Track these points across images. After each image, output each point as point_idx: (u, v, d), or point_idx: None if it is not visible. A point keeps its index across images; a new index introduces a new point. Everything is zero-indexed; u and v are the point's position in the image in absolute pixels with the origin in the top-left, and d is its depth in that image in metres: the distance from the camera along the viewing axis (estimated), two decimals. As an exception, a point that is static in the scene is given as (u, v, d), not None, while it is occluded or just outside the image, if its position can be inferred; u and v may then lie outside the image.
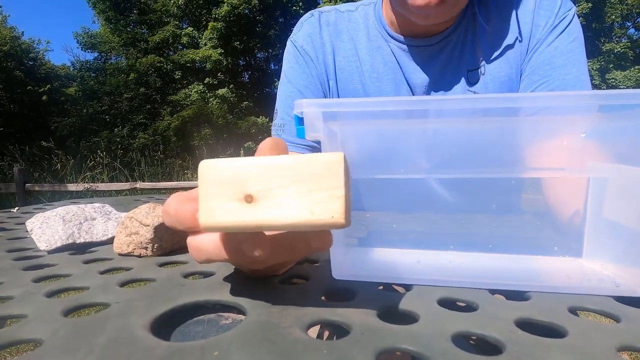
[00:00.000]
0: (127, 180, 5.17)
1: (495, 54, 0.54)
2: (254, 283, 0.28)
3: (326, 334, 0.54)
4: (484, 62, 0.55)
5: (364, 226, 0.35)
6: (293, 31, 0.65)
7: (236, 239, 0.21)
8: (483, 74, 0.55)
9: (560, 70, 0.51)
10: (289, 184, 0.19)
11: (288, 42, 0.65)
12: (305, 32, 0.63)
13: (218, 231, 0.21)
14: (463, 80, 0.56)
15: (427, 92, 0.58)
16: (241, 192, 0.20)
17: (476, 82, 0.55)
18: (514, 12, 0.54)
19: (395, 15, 0.57)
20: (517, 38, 0.54)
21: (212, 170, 0.20)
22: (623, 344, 0.20)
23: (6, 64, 8.70)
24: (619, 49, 9.71)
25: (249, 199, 0.19)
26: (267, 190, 0.20)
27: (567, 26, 0.52)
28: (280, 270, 0.30)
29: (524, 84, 0.54)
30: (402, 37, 0.57)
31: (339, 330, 0.22)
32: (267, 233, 0.22)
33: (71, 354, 0.18)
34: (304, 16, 0.65)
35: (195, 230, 0.23)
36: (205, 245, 0.23)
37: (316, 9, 0.65)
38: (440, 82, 0.57)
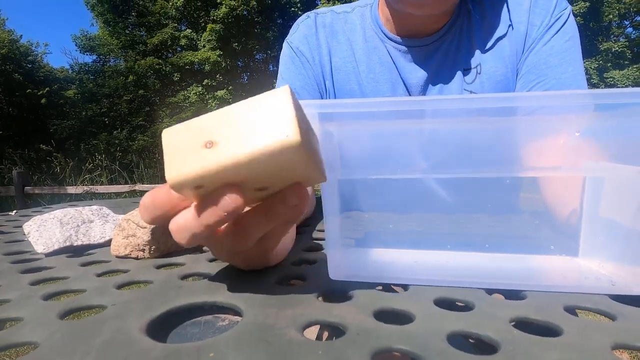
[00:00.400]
0: (126, 183, 5.17)
1: (489, 46, 0.54)
2: (251, 284, 0.29)
3: (325, 334, 0.54)
4: (480, 61, 0.55)
5: (361, 227, 0.35)
6: (289, 33, 0.66)
7: (210, 197, 0.21)
8: (479, 73, 0.55)
9: (556, 69, 0.51)
10: (242, 121, 0.21)
11: (284, 44, 0.65)
12: (301, 33, 0.63)
13: (188, 185, 0.21)
14: (459, 79, 0.56)
15: (424, 92, 0.58)
16: (201, 141, 0.21)
17: (472, 81, 0.55)
18: (505, 4, 0.54)
19: (391, 14, 0.57)
20: (509, 26, 0.54)
21: (171, 133, 0.22)
22: (619, 342, 0.20)
23: (4, 67, 8.70)
24: (617, 48, 9.74)
25: (209, 144, 0.20)
26: (224, 133, 0.21)
27: (562, 25, 0.52)
28: (269, 256, 0.30)
29: (520, 83, 0.54)
30: (398, 37, 0.57)
31: (337, 331, 0.22)
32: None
33: (67, 357, 0.18)
34: (300, 18, 0.66)
35: (174, 214, 0.23)
36: (183, 220, 0.23)
37: (312, 11, 0.66)
38: (436, 82, 0.57)
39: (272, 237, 0.26)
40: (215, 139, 0.21)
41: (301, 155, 0.21)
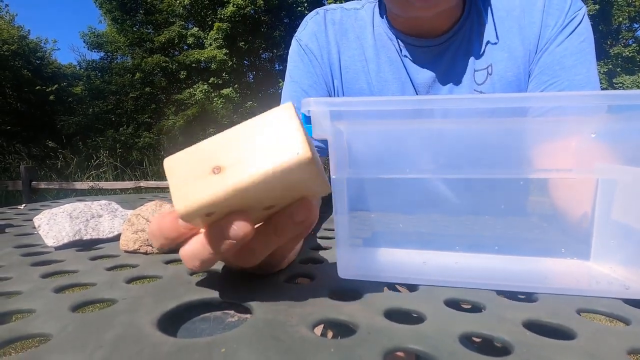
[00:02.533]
0: (131, 179, 5.20)
1: (499, 46, 0.54)
2: (260, 281, 0.29)
3: (330, 334, 0.54)
4: (491, 62, 0.54)
5: (370, 226, 0.35)
6: (298, 29, 0.65)
7: (219, 227, 0.21)
8: (490, 74, 0.54)
9: (570, 70, 0.50)
10: (247, 143, 0.20)
11: (293, 41, 0.65)
12: (310, 30, 0.62)
13: (197, 213, 0.20)
14: (469, 80, 0.55)
15: (432, 93, 0.57)
16: (207, 167, 0.20)
17: (483, 82, 0.55)
18: (516, 4, 0.54)
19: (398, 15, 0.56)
20: (520, 27, 0.53)
21: (174, 161, 0.21)
22: (634, 347, 0.19)
23: (14, 63, 8.79)
24: (627, 53, 9.62)
25: (216, 170, 0.20)
26: (229, 157, 0.20)
27: (577, 26, 0.52)
28: (279, 264, 0.30)
29: (533, 84, 0.53)
30: (407, 36, 0.57)
31: (344, 330, 0.22)
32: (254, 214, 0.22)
33: (80, 350, 0.19)
34: (309, 14, 0.65)
35: (184, 240, 0.23)
36: (192, 250, 0.23)
37: (321, 7, 0.65)
38: (445, 82, 0.56)
39: (281, 252, 0.26)
40: (221, 164, 0.20)
41: (311, 171, 0.20)
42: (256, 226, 0.23)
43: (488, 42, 0.54)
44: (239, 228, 0.21)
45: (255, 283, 0.28)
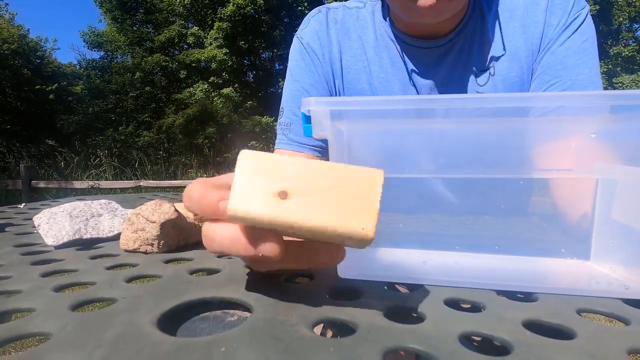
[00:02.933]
0: (131, 178, 5.20)
1: (502, 47, 0.54)
2: (260, 281, 0.29)
3: (329, 333, 0.54)
4: (494, 63, 0.54)
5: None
6: (300, 27, 0.64)
7: (254, 235, 0.21)
8: (493, 75, 0.54)
9: (572, 70, 0.50)
10: (326, 188, 0.19)
11: (294, 39, 0.64)
12: (311, 28, 0.62)
13: (243, 222, 0.20)
14: (471, 81, 0.55)
15: (434, 94, 0.57)
16: (277, 186, 0.20)
17: (485, 83, 0.55)
18: (520, 4, 0.54)
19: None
20: (524, 27, 0.53)
21: (252, 160, 0.20)
22: (634, 346, 0.19)
23: (13, 62, 8.79)
24: (627, 53, 9.62)
25: (283, 195, 0.19)
26: (302, 190, 0.20)
27: (580, 25, 0.51)
28: (280, 272, 0.31)
29: (535, 84, 0.53)
30: (409, 37, 0.57)
31: (344, 330, 0.22)
32: (285, 238, 0.22)
33: (80, 349, 0.19)
34: (311, 12, 0.64)
35: (214, 219, 0.23)
36: (220, 235, 0.22)
37: (323, 5, 0.64)
38: (447, 84, 0.56)
39: (291, 270, 0.27)
40: (291, 192, 0.20)
41: (366, 245, 0.20)
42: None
43: (491, 46, 0.54)
44: (272, 249, 0.21)
45: (255, 282, 0.28)
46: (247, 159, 0.20)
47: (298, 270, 0.29)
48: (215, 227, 0.23)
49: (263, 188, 0.20)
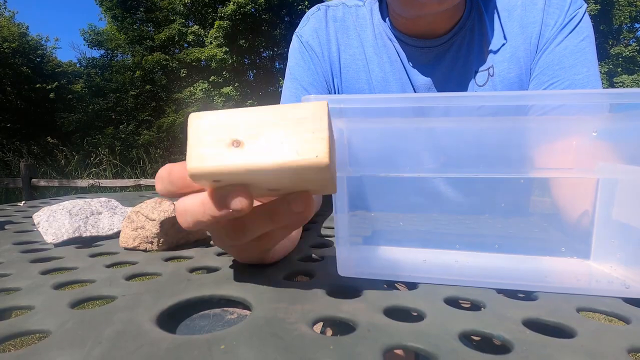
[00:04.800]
0: (131, 177, 5.20)
1: (501, 47, 0.54)
2: (259, 279, 0.28)
3: (329, 332, 0.54)
4: (493, 63, 0.54)
5: (370, 224, 0.35)
6: (299, 25, 0.64)
7: (221, 194, 0.22)
8: (492, 75, 0.54)
9: (570, 70, 0.50)
10: (274, 128, 0.20)
11: (294, 37, 0.64)
12: (311, 26, 0.62)
13: (206, 178, 0.21)
14: (470, 81, 0.55)
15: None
16: (229, 137, 0.20)
17: (484, 84, 0.55)
18: (517, 4, 0.53)
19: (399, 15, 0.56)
20: (521, 27, 0.53)
21: (200, 119, 0.21)
22: (634, 345, 0.19)
23: (14, 61, 8.78)
24: (628, 53, 9.61)
25: (236, 143, 0.20)
26: (253, 135, 0.20)
27: (577, 25, 0.51)
28: (267, 257, 0.30)
29: (533, 84, 0.53)
30: (407, 37, 0.57)
31: (343, 328, 0.22)
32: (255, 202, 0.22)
33: (79, 346, 0.18)
34: (311, 10, 0.64)
35: (185, 193, 0.24)
36: (191, 204, 0.23)
37: (323, 3, 0.64)
38: (445, 84, 0.56)
39: (271, 238, 0.27)
40: (243, 139, 0.20)
41: (324, 175, 0.21)
42: (255, 204, 0.24)
43: (490, 45, 0.54)
44: (239, 201, 0.21)
45: (254, 280, 0.28)
46: (196, 118, 0.21)
47: (278, 238, 0.27)
48: (186, 199, 0.23)
49: (216, 142, 0.20)
